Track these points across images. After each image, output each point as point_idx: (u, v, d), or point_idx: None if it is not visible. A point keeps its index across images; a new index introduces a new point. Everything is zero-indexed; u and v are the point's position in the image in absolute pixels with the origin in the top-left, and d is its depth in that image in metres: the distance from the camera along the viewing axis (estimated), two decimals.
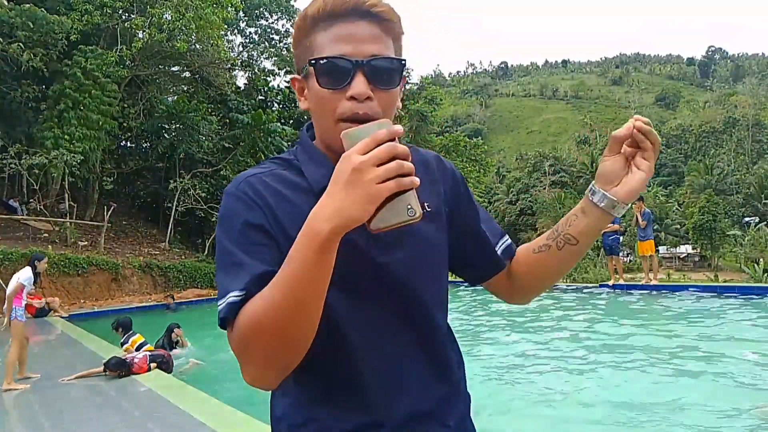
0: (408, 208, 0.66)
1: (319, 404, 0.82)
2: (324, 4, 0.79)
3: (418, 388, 0.84)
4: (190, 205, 19.16)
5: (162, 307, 13.56)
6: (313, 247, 0.66)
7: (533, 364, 6.05)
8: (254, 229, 0.77)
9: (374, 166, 0.63)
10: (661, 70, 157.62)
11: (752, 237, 18.81)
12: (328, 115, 0.80)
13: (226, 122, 21.99)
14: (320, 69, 0.78)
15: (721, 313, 8.02)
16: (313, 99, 0.82)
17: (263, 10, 24.21)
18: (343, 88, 0.78)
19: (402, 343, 0.83)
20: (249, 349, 0.71)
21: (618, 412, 4.20)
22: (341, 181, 0.65)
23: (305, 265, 0.66)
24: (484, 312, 9.55)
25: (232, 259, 0.76)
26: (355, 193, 0.64)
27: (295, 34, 0.85)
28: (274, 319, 0.68)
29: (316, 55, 0.79)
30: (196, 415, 4.06)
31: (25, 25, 14.14)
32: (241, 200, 0.80)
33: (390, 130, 0.65)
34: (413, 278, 0.84)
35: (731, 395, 4.34)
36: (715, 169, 46.48)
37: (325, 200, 0.66)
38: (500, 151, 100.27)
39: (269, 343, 0.70)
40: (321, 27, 0.80)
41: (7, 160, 14.85)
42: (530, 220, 46.11)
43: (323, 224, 0.65)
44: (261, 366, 0.72)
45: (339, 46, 0.78)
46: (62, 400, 5.20)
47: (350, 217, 0.64)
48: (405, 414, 0.82)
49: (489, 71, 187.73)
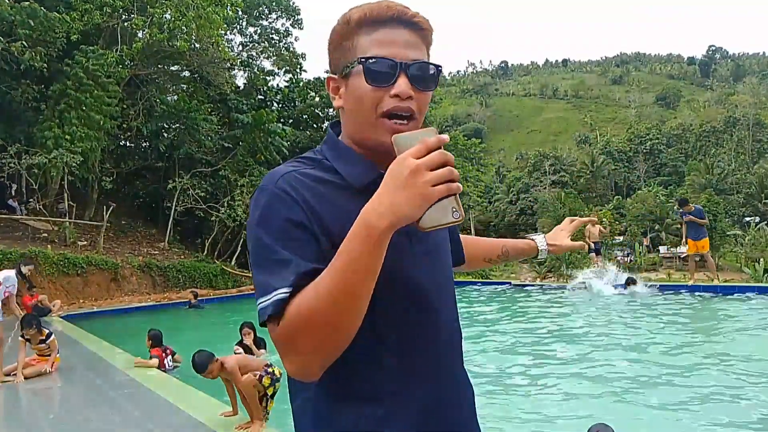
0: (453, 211, 0.74)
1: (356, 392, 0.86)
2: (369, 10, 0.86)
3: (443, 374, 0.92)
4: (190, 205, 19.13)
5: (162, 307, 13.55)
6: (370, 241, 0.72)
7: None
8: (296, 226, 0.81)
9: (428, 170, 0.71)
10: (661, 70, 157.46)
11: (753, 237, 18.77)
12: (368, 111, 0.86)
13: (225, 122, 21.95)
14: (369, 67, 0.85)
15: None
16: (353, 96, 0.88)
17: (263, 9, 24.17)
18: (387, 86, 0.84)
19: (431, 331, 0.90)
20: (299, 340, 0.75)
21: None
22: (398, 182, 0.71)
23: (362, 257, 0.72)
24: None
25: (275, 256, 0.79)
26: (411, 193, 0.71)
27: (334, 38, 0.90)
28: (328, 310, 0.73)
29: (360, 55, 0.86)
30: (196, 415, 4.05)
31: (26, 23, 14.10)
32: (280, 198, 0.82)
33: (439, 138, 0.73)
34: (437, 268, 0.94)
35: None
36: (716, 168, 46.45)
37: (381, 198, 0.72)
38: (500, 150, 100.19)
39: (321, 333, 0.74)
40: (364, 31, 0.87)
41: (6, 160, 14.81)
42: (530, 219, 46.07)
43: (380, 220, 0.71)
44: (309, 355, 0.76)
45: (383, 48, 0.85)
46: (62, 400, 5.20)
47: (405, 215, 0.71)
48: (432, 399, 0.89)
49: (489, 70, 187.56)
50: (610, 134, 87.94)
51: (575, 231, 1.39)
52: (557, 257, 21.31)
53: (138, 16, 16.95)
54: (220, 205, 18.93)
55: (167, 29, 16.64)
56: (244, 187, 18.86)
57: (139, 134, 20.28)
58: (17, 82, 15.70)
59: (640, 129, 73.07)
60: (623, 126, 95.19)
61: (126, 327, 10.53)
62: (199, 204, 19.12)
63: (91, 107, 15.48)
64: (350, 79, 0.87)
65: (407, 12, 0.87)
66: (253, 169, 20.08)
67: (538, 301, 11.16)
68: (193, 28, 16.84)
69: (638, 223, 36.41)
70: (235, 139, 21.10)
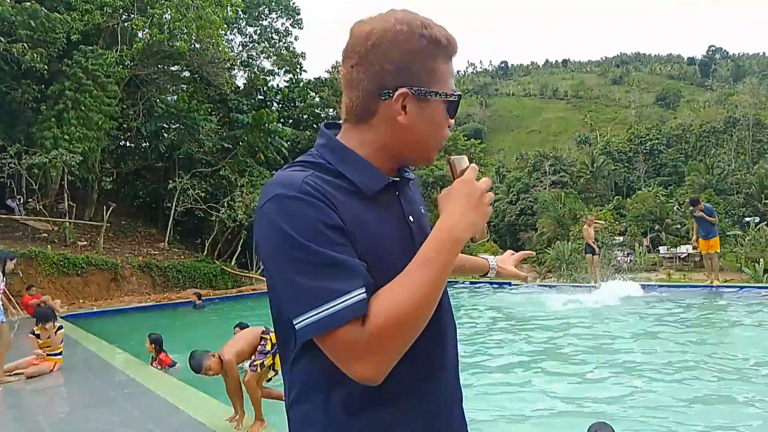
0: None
1: (370, 397, 0.86)
2: (447, 40, 0.91)
3: (448, 374, 0.97)
4: (190, 205, 19.12)
5: (162, 307, 13.54)
6: (455, 252, 0.81)
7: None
8: (333, 229, 0.80)
9: (486, 193, 0.87)
10: (661, 70, 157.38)
11: (753, 237, 18.77)
12: (436, 139, 0.94)
13: (225, 122, 21.94)
14: (453, 104, 0.93)
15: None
16: (429, 120, 0.91)
17: (263, 9, 24.16)
18: (450, 118, 0.95)
19: (435, 330, 0.92)
20: (390, 341, 0.77)
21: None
22: (473, 201, 0.85)
23: (447, 266, 0.81)
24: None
25: (323, 260, 0.77)
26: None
27: (418, 50, 0.87)
28: (421, 310, 0.78)
29: (441, 84, 0.91)
30: (196, 415, 4.05)
31: (27, 24, 14.09)
32: (310, 203, 0.80)
33: (474, 165, 0.89)
34: None
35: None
36: (716, 168, 46.40)
37: (459, 214, 0.84)
38: (500, 150, 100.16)
39: (411, 333, 0.79)
40: (442, 60, 0.91)
41: (6, 160, 14.80)
42: (530, 220, 46.03)
43: (463, 234, 0.83)
44: (393, 356, 0.78)
45: (452, 82, 0.93)
46: (61, 400, 5.19)
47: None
48: (441, 399, 0.94)
49: (489, 71, 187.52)
50: (610, 134, 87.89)
51: (518, 261, 1.54)
52: (557, 257, 21.35)
53: (138, 17, 16.95)
54: (220, 205, 18.91)
55: (167, 29, 16.64)
56: (243, 187, 18.85)
57: (139, 134, 20.27)
58: (17, 83, 15.69)
59: (640, 129, 73.01)
60: (623, 126, 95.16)
61: (126, 327, 10.52)
62: (199, 204, 19.12)
63: (90, 107, 15.46)
64: (426, 103, 0.90)
65: (456, 44, 0.94)
66: (253, 170, 20.07)
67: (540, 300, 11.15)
68: (193, 29, 16.84)
69: (638, 224, 36.41)
70: (235, 139, 21.09)
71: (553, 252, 22.87)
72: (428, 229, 0.95)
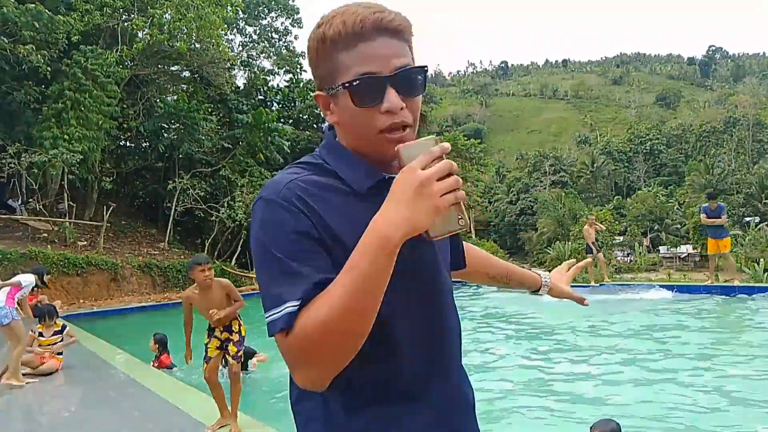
0: (459, 218, 0.76)
1: (371, 402, 0.86)
2: (343, 26, 0.82)
3: (452, 375, 0.94)
4: (190, 205, 19.11)
5: (162, 307, 13.53)
6: (384, 252, 0.72)
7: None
8: (303, 237, 0.80)
9: (437, 180, 0.72)
10: (661, 70, 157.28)
11: (753, 237, 18.77)
12: (367, 130, 0.85)
13: (225, 122, 21.93)
14: (354, 90, 0.83)
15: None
16: (346, 115, 0.86)
17: (263, 8, 24.16)
18: (376, 104, 0.83)
19: (438, 331, 0.92)
20: (313, 352, 0.75)
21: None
22: (409, 193, 0.73)
23: (376, 267, 0.73)
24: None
25: (283, 268, 0.78)
26: (423, 204, 0.72)
27: (313, 55, 0.88)
28: (343, 321, 0.73)
29: (343, 75, 0.83)
30: (196, 415, 4.06)
31: (30, 25, 14.11)
32: (285, 208, 0.81)
33: (442, 147, 0.74)
34: (438, 272, 0.93)
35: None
36: (716, 168, 46.33)
37: (392, 209, 0.73)
38: (500, 150, 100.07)
39: (334, 344, 0.75)
40: (342, 47, 0.83)
41: (6, 160, 14.80)
42: (530, 219, 45.99)
43: (394, 231, 0.72)
44: (323, 367, 0.77)
45: (366, 65, 0.82)
46: (61, 400, 5.18)
47: (417, 225, 0.73)
48: (444, 400, 0.91)
49: (489, 71, 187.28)
50: (610, 134, 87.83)
51: (575, 276, 1.41)
52: (558, 257, 21.34)
53: (138, 17, 16.95)
54: (220, 205, 18.91)
55: (167, 30, 16.63)
56: (244, 187, 18.85)
57: (139, 134, 20.28)
58: (18, 83, 15.68)
59: (640, 129, 72.95)
60: (623, 126, 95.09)
61: (126, 327, 10.52)
62: (199, 204, 19.11)
63: (89, 108, 15.47)
64: (339, 99, 0.86)
65: (381, 19, 0.83)
66: (253, 170, 20.06)
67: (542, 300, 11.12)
68: (193, 29, 16.84)
69: (638, 224, 36.38)
70: (235, 138, 21.08)
71: (553, 252, 22.88)
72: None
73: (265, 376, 6.07)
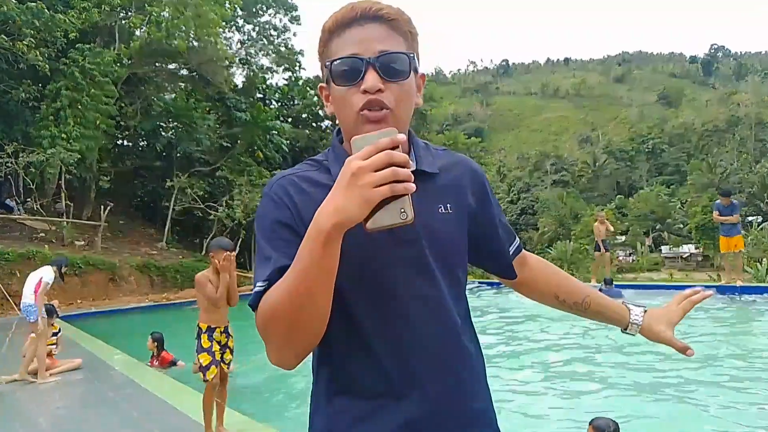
0: (401, 212, 0.73)
1: (344, 392, 0.90)
2: (338, 15, 0.89)
3: (435, 375, 0.89)
4: (188, 204, 19.04)
5: (160, 307, 13.45)
6: (318, 242, 0.73)
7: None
8: (282, 226, 0.87)
9: (372, 171, 0.70)
10: (663, 68, 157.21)
11: (755, 236, 18.66)
12: (349, 111, 0.87)
13: (224, 120, 21.85)
14: (335, 69, 0.88)
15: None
16: (335, 99, 0.91)
17: (261, 5, 24.05)
18: (356, 83, 0.86)
19: (407, 336, 0.89)
20: (268, 333, 0.81)
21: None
22: (342, 183, 0.73)
23: (312, 257, 0.74)
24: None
25: (264, 253, 0.87)
26: (353, 195, 0.71)
27: (318, 48, 0.94)
28: (287, 306, 0.77)
29: (332, 59, 0.89)
30: (195, 415, 4.03)
31: (31, 23, 14.07)
32: (273, 200, 0.90)
33: (392, 139, 0.72)
34: (424, 274, 0.90)
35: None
36: (718, 168, 46.24)
37: (329, 199, 0.74)
38: (501, 149, 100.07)
39: (284, 328, 0.79)
40: (335, 35, 0.89)
41: (3, 159, 14.73)
42: (531, 219, 45.94)
43: (327, 221, 0.73)
44: (279, 348, 0.82)
45: (350, 48, 0.87)
46: (61, 400, 5.17)
47: (348, 216, 0.72)
48: (426, 410, 0.87)
49: (490, 69, 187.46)
50: (612, 133, 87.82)
51: (684, 315, 1.11)
52: (559, 257, 21.24)
53: (136, 15, 16.87)
54: (219, 204, 18.83)
55: (165, 28, 16.54)
56: (242, 186, 18.77)
57: (137, 133, 20.22)
58: (17, 82, 15.62)
59: (642, 128, 72.97)
60: (625, 125, 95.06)
61: (124, 327, 10.47)
62: (198, 203, 19.04)
63: (87, 107, 15.40)
64: (331, 87, 0.91)
65: (371, 8, 0.88)
66: (251, 169, 19.98)
67: None
68: (191, 27, 16.76)
69: (640, 223, 36.31)
70: (234, 137, 21.01)
71: (554, 252, 22.80)
72: (440, 225, 0.92)
73: (262, 375, 6.01)
